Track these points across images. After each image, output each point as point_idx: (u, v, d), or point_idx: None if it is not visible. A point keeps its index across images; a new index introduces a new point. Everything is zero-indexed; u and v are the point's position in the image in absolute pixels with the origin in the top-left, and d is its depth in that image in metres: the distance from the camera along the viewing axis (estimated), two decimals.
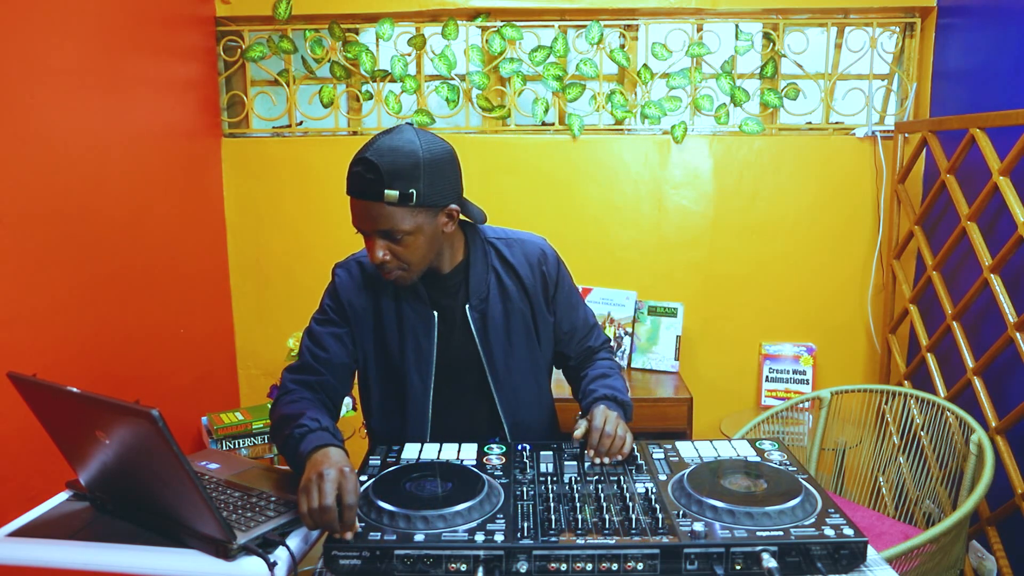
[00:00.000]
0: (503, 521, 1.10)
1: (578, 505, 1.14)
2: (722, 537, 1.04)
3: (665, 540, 1.04)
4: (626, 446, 1.32)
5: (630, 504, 1.14)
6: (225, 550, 1.04)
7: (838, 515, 1.10)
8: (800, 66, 2.72)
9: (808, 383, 2.74)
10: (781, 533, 1.05)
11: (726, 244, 2.77)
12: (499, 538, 1.05)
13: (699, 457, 1.34)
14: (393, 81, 2.75)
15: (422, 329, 1.45)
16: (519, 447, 1.39)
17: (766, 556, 1.02)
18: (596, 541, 1.04)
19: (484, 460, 1.33)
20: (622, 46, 2.76)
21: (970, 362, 2.19)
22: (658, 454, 1.36)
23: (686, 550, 1.03)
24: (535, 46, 2.71)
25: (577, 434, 1.36)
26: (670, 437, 1.59)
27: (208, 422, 2.36)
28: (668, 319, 2.72)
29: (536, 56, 2.69)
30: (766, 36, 2.71)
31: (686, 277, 2.79)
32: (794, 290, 2.77)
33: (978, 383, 2.16)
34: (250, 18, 2.74)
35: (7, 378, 1.14)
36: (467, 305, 1.46)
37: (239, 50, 2.76)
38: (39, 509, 1.22)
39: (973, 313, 2.27)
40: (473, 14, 2.70)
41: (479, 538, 1.04)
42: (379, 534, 1.06)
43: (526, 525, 1.08)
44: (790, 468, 1.28)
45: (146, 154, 2.28)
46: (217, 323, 2.77)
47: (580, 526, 1.07)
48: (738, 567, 1.03)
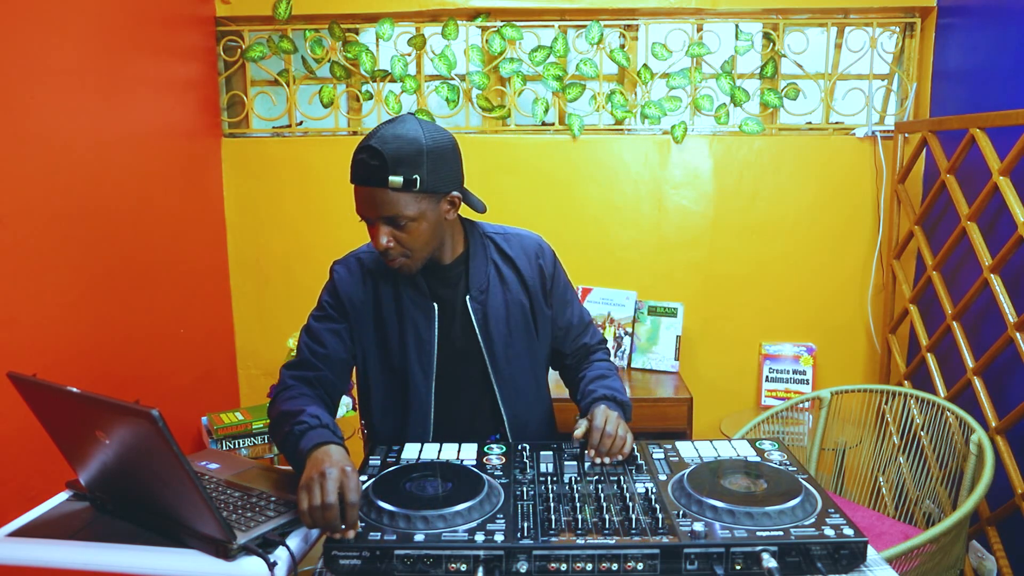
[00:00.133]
0: (503, 521, 1.10)
1: (578, 505, 1.14)
2: (722, 537, 1.04)
3: (665, 540, 1.04)
4: (626, 446, 1.32)
5: (630, 504, 1.14)
6: (225, 550, 1.04)
7: (838, 515, 1.10)
8: (800, 66, 2.72)
9: (808, 383, 2.74)
10: (781, 533, 1.05)
11: (726, 244, 2.77)
12: (499, 538, 1.05)
13: (699, 457, 1.34)
14: (393, 81, 2.75)
15: (422, 321, 1.45)
16: (519, 447, 1.39)
17: (766, 556, 1.02)
18: (596, 541, 1.04)
19: (484, 460, 1.33)
20: (622, 46, 2.76)
21: (970, 362, 2.19)
22: (658, 454, 1.36)
23: (686, 550, 1.03)
24: (535, 46, 2.71)
25: (577, 434, 1.36)
26: (670, 437, 1.59)
27: (208, 422, 2.36)
28: (668, 319, 2.72)
29: (536, 56, 2.69)
30: (766, 36, 2.71)
31: (686, 277, 2.79)
32: (794, 290, 2.77)
33: (978, 383, 2.16)
34: (250, 18, 2.74)
35: (7, 378, 1.14)
36: (468, 296, 1.46)
37: (239, 50, 2.76)
38: (39, 509, 1.22)
39: (973, 313, 2.27)
40: (473, 14, 2.70)
41: (479, 538, 1.04)
42: (379, 534, 1.06)
43: (526, 525, 1.08)
44: (790, 468, 1.28)
45: (146, 154, 2.28)
46: (217, 323, 2.77)
47: (580, 526, 1.07)
48: (738, 567, 1.03)
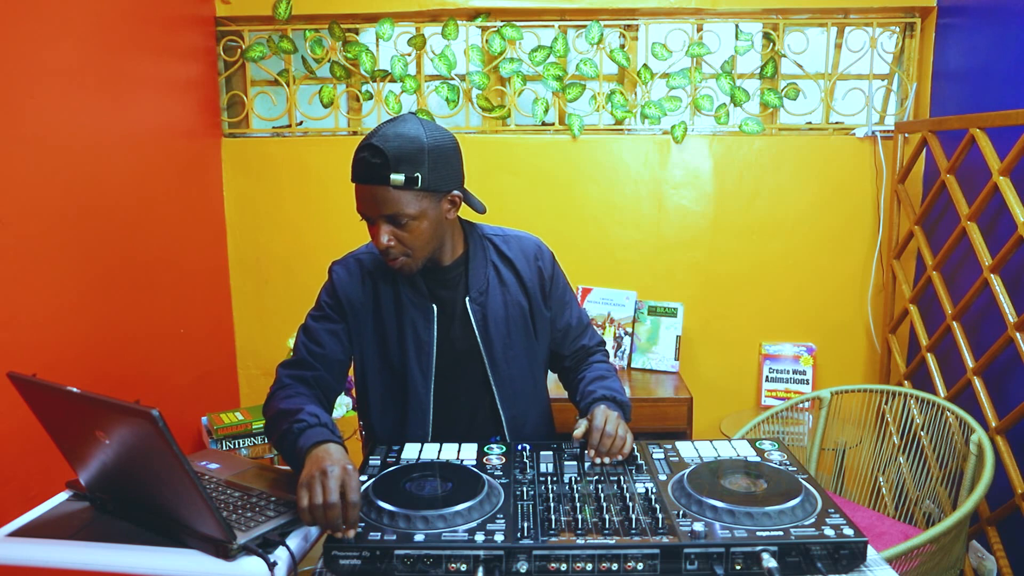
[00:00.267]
0: (503, 521, 1.10)
1: (578, 505, 1.14)
2: (722, 537, 1.04)
3: (665, 540, 1.04)
4: (626, 446, 1.32)
5: (630, 504, 1.14)
6: (225, 550, 1.04)
7: (838, 515, 1.10)
8: (800, 66, 2.72)
9: (808, 383, 2.74)
10: (781, 533, 1.05)
11: (726, 244, 2.77)
12: (499, 538, 1.05)
13: (699, 457, 1.34)
14: (393, 81, 2.75)
15: (422, 322, 1.45)
16: (519, 447, 1.39)
17: (766, 556, 1.02)
18: (596, 541, 1.04)
19: (484, 460, 1.33)
20: (622, 46, 2.76)
21: (970, 362, 2.19)
22: (658, 454, 1.36)
23: (686, 550, 1.03)
24: (535, 46, 2.71)
25: (577, 434, 1.36)
26: (670, 437, 1.59)
27: (208, 422, 2.36)
28: (668, 319, 2.72)
29: (536, 56, 2.69)
30: (766, 36, 2.71)
31: (686, 277, 2.79)
32: (794, 290, 2.77)
33: (978, 383, 2.16)
34: (250, 18, 2.74)
35: (7, 378, 1.14)
36: (467, 298, 1.46)
37: (239, 50, 2.76)
38: (39, 509, 1.22)
39: (973, 313, 2.27)
40: (473, 14, 2.70)
41: (479, 538, 1.04)
42: (379, 534, 1.06)
43: (526, 525, 1.08)
44: (790, 468, 1.28)
45: (146, 154, 2.28)
46: (217, 323, 2.77)
47: (580, 526, 1.07)
48: (738, 567, 1.03)
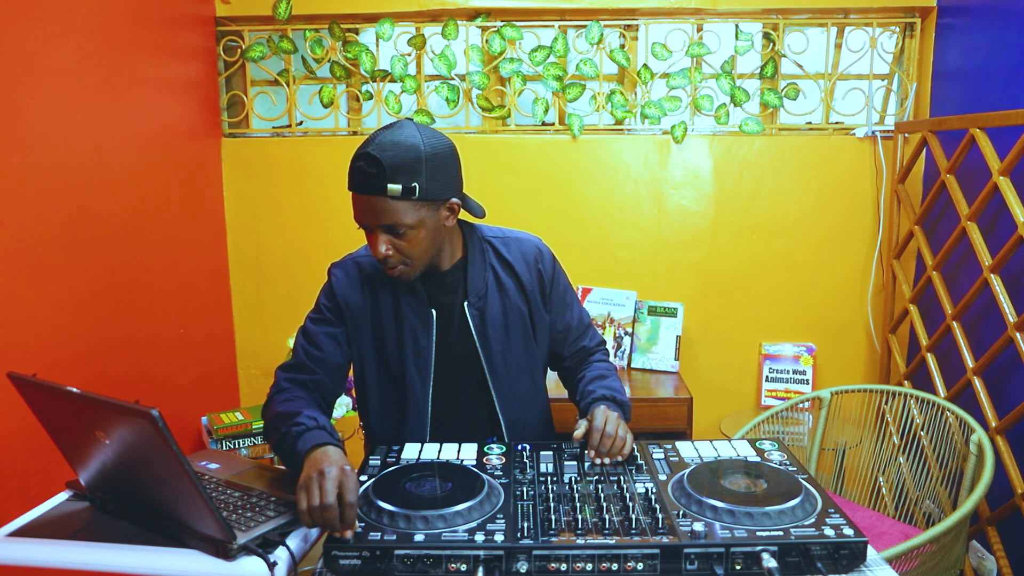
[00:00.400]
0: (503, 521, 1.10)
1: (578, 505, 1.14)
2: (722, 537, 1.04)
3: (665, 540, 1.04)
4: (626, 446, 1.32)
5: (630, 504, 1.14)
6: (225, 550, 1.04)
7: (838, 515, 1.10)
8: (800, 66, 2.72)
9: (808, 383, 2.74)
10: (781, 533, 1.05)
11: (726, 244, 2.77)
12: (499, 538, 1.05)
13: (699, 457, 1.34)
14: (393, 81, 2.75)
15: (420, 327, 1.45)
16: (519, 447, 1.39)
17: (766, 556, 1.02)
18: (596, 541, 1.04)
19: (484, 460, 1.33)
20: (622, 46, 2.76)
21: (970, 362, 2.19)
22: (658, 454, 1.36)
23: (686, 550, 1.03)
24: (535, 46, 2.71)
25: (577, 434, 1.36)
26: (670, 437, 1.59)
27: (208, 422, 2.36)
28: (668, 319, 2.72)
29: (536, 56, 2.69)
30: (766, 36, 2.71)
31: (686, 277, 2.79)
32: (794, 290, 2.77)
33: (978, 383, 2.16)
34: (250, 18, 2.74)
35: (7, 378, 1.14)
36: (466, 303, 1.46)
37: (239, 50, 2.76)
38: (39, 509, 1.22)
39: (973, 313, 2.27)
40: (473, 14, 2.70)
41: (479, 538, 1.04)
42: (379, 534, 1.06)
43: (526, 525, 1.08)
44: (790, 468, 1.28)
45: (146, 154, 2.28)
46: (217, 323, 2.77)
47: (580, 526, 1.07)
48: (738, 567, 1.03)
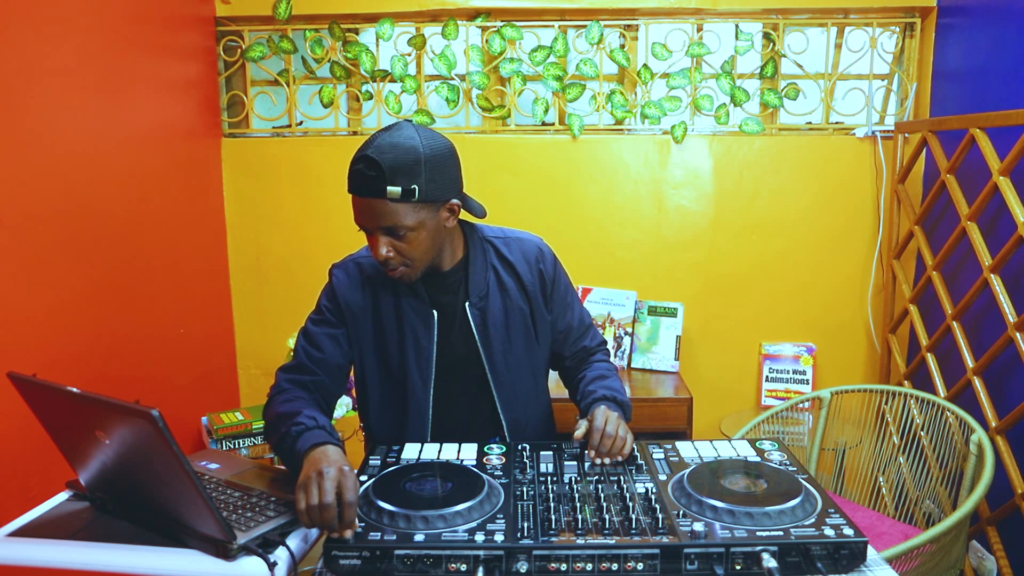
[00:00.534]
0: (503, 521, 1.10)
1: (578, 505, 1.14)
2: (722, 537, 1.04)
3: (665, 540, 1.04)
4: (627, 447, 1.32)
5: (630, 504, 1.14)
6: (225, 550, 1.04)
7: (838, 515, 1.10)
8: (800, 66, 2.72)
9: (808, 383, 2.74)
10: (781, 533, 1.05)
11: (726, 244, 2.77)
12: (499, 538, 1.05)
13: (699, 457, 1.34)
14: (393, 81, 2.75)
15: (421, 328, 1.45)
16: (519, 447, 1.39)
17: (766, 556, 1.02)
18: (596, 541, 1.04)
19: (484, 460, 1.33)
20: (622, 46, 2.76)
21: (970, 362, 2.18)
22: (658, 454, 1.36)
23: (686, 550, 1.03)
24: (535, 46, 2.71)
25: (578, 434, 1.36)
26: (670, 437, 1.59)
27: (208, 422, 2.36)
28: (668, 319, 2.72)
29: (536, 56, 2.69)
30: (766, 36, 2.71)
31: (686, 277, 2.79)
32: (794, 290, 2.77)
33: (978, 383, 2.16)
34: (250, 18, 2.74)
35: (7, 378, 1.14)
36: (467, 303, 1.46)
37: (239, 50, 2.76)
38: (39, 509, 1.22)
39: (973, 313, 2.27)
40: (473, 14, 2.70)
41: (479, 538, 1.04)
42: (379, 534, 1.06)
43: (526, 525, 1.08)
44: (790, 468, 1.28)
45: (146, 154, 2.28)
46: (217, 323, 2.77)
47: (580, 526, 1.07)
48: (738, 567, 1.03)
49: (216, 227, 2.75)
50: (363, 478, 1.25)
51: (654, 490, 1.19)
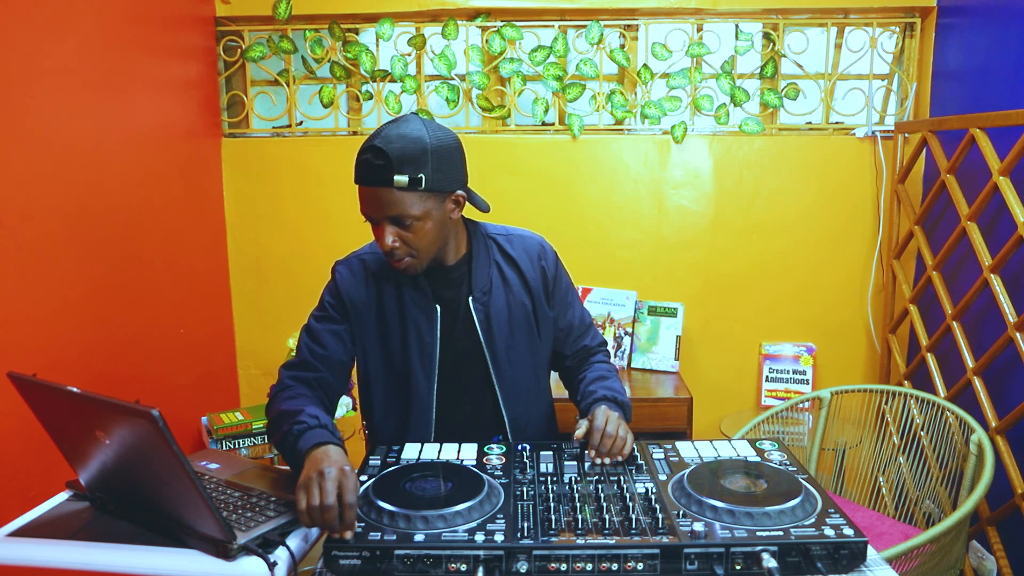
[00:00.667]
0: (503, 521, 1.10)
1: (578, 505, 1.14)
2: (722, 537, 1.04)
3: (665, 540, 1.04)
4: (627, 447, 1.32)
5: (630, 504, 1.14)
6: (225, 550, 1.04)
7: (838, 515, 1.10)
8: (800, 66, 2.72)
9: (808, 383, 2.74)
10: (781, 533, 1.05)
11: (726, 244, 2.77)
12: (499, 538, 1.05)
13: (699, 457, 1.34)
14: (393, 81, 2.75)
15: (425, 323, 1.45)
16: (519, 447, 1.39)
17: (766, 556, 1.02)
18: (596, 541, 1.04)
19: (484, 460, 1.33)
20: (622, 46, 2.76)
21: (970, 362, 2.19)
22: (658, 454, 1.36)
23: (686, 550, 1.03)
24: (535, 46, 2.71)
25: (578, 434, 1.36)
26: (670, 437, 1.59)
27: (208, 422, 2.36)
28: (668, 319, 2.72)
29: (536, 56, 2.69)
30: (766, 36, 2.71)
31: (686, 277, 2.79)
32: (794, 290, 2.77)
33: (978, 383, 2.16)
34: (250, 18, 2.74)
35: (7, 378, 1.14)
36: (470, 298, 1.46)
37: (239, 50, 2.76)
38: (39, 509, 1.22)
39: (973, 313, 2.27)
40: (473, 14, 2.70)
41: (479, 538, 1.04)
42: (379, 534, 1.06)
43: (526, 525, 1.08)
44: (790, 468, 1.28)
45: (146, 154, 2.28)
46: (217, 323, 2.77)
47: (580, 526, 1.07)
48: (738, 567, 1.03)
49: (216, 227, 2.75)
50: (363, 478, 1.25)
51: (654, 490, 1.19)
